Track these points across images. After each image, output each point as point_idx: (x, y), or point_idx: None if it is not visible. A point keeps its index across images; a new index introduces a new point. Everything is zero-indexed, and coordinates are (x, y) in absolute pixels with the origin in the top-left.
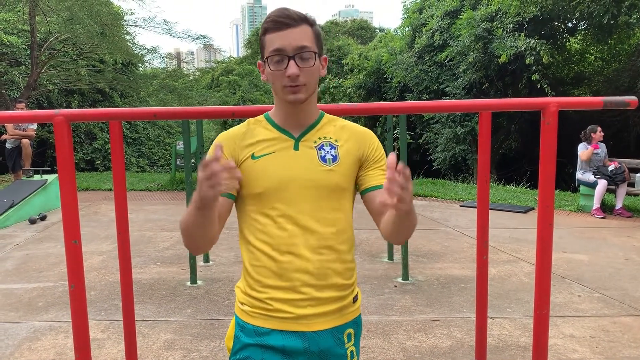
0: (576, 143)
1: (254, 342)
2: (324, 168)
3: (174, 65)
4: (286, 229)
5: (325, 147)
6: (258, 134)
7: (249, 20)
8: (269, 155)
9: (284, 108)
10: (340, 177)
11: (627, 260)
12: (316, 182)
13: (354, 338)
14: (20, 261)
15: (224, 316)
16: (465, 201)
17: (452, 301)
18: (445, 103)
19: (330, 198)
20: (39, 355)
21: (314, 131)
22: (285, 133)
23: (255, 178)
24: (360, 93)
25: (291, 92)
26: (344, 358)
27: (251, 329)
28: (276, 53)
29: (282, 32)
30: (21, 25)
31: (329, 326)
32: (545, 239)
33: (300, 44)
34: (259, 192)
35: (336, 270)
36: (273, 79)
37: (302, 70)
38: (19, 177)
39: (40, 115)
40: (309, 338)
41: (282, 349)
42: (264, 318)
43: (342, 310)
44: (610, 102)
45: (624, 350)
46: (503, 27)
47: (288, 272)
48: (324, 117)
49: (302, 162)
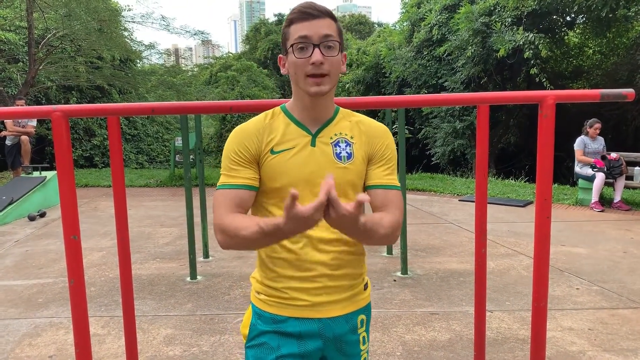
0: (575, 137)
1: (270, 329)
2: (339, 166)
3: (172, 62)
4: None
5: (340, 144)
6: (277, 128)
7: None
8: (287, 151)
9: (303, 100)
10: (354, 174)
11: (626, 253)
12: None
13: (366, 324)
14: (20, 258)
15: (224, 311)
16: (464, 195)
17: (451, 295)
18: (443, 96)
19: (344, 194)
20: (40, 351)
21: (330, 126)
22: (303, 128)
23: (274, 173)
24: (359, 88)
25: (315, 84)
26: (356, 343)
27: (268, 317)
28: (302, 40)
29: (308, 22)
30: (18, 21)
31: (343, 312)
32: (543, 232)
33: (325, 32)
34: (278, 186)
35: (349, 260)
36: (295, 67)
37: (326, 59)
38: (18, 174)
39: (38, 111)
40: (324, 324)
41: (298, 334)
42: (281, 306)
43: (354, 297)
44: (607, 94)
45: (622, 342)
46: (501, 21)
47: (305, 263)
48: (339, 111)
49: (318, 159)
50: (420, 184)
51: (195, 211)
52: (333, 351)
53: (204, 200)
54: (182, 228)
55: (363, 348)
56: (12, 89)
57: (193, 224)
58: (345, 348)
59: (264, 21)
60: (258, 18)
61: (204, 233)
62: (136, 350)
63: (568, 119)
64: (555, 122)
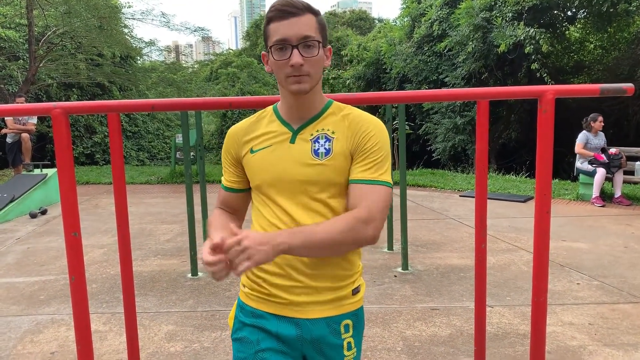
0: (575, 132)
1: (250, 323)
2: (315, 162)
3: (173, 59)
4: (282, 219)
5: (320, 140)
6: (259, 128)
7: (247, 12)
8: (265, 149)
9: (287, 99)
10: (331, 171)
11: (626, 248)
12: (307, 177)
13: (352, 329)
14: (21, 255)
15: (225, 307)
16: (465, 191)
17: (451, 290)
18: (443, 92)
19: (322, 192)
20: (42, 348)
21: (314, 124)
22: (286, 125)
23: (253, 171)
24: (359, 84)
25: (295, 82)
26: (339, 348)
27: (249, 310)
28: (280, 42)
29: (286, 21)
30: (19, 19)
31: (324, 315)
32: (543, 226)
33: (304, 34)
34: (257, 184)
35: (332, 261)
36: (276, 68)
37: (306, 60)
38: (19, 172)
39: (38, 108)
40: (302, 325)
41: (276, 334)
42: (261, 301)
43: (338, 300)
44: (607, 89)
45: (623, 336)
46: (502, 16)
47: (286, 260)
48: (330, 106)
49: (294, 156)
50: (421, 180)
51: (196, 208)
52: (312, 352)
53: (204, 197)
54: (183, 225)
55: (347, 354)
56: (13, 87)
57: (194, 220)
58: (327, 351)
59: (264, 17)
60: (258, 14)
61: (205, 230)
62: (137, 347)
63: (569, 114)
64: (556, 118)
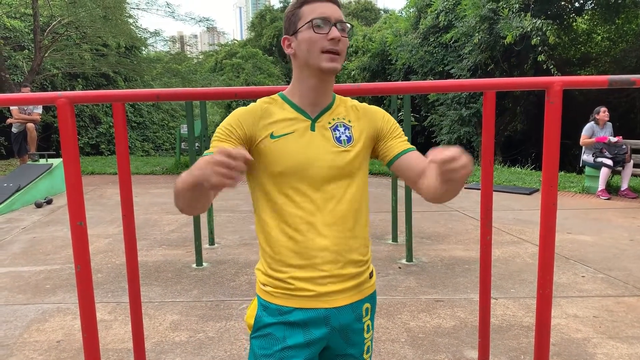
0: (581, 125)
1: (276, 321)
2: (339, 149)
3: (178, 49)
4: (304, 207)
5: (339, 128)
6: (275, 113)
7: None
8: (288, 135)
9: (310, 81)
10: (355, 157)
11: (632, 241)
12: (333, 163)
13: (370, 312)
14: (27, 244)
15: (230, 297)
16: (470, 183)
17: (456, 282)
18: (449, 83)
19: (346, 177)
20: (48, 336)
21: (329, 112)
22: (303, 113)
23: (275, 157)
24: (364, 75)
25: (329, 60)
26: (361, 332)
27: (274, 309)
28: (321, 18)
29: (324, 3)
30: (24, 9)
31: (349, 302)
32: (549, 219)
33: (341, 17)
34: (279, 171)
35: (353, 246)
36: (311, 44)
37: (341, 39)
38: (24, 161)
39: (43, 98)
40: (331, 314)
41: (304, 322)
42: (286, 297)
43: (360, 285)
44: (615, 80)
45: (628, 329)
46: (509, 7)
47: (308, 250)
48: (336, 98)
49: (319, 143)
50: None
51: None
52: (338, 339)
53: None
54: (188, 215)
55: (367, 336)
56: (18, 77)
57: None
58: (351, 336)
59: (270, 8)
60: (263, 5)
61: (210, 220)
62: (142, 336)
63: (575, 106)
64: (563, 110)
